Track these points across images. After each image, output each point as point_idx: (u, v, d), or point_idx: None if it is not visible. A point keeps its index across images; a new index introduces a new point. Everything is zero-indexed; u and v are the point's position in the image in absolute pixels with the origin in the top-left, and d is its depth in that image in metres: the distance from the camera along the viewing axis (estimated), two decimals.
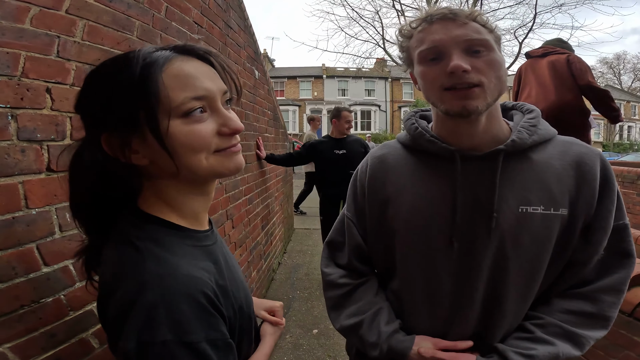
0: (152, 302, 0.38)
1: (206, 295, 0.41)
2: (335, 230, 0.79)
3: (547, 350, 0.57)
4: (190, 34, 1.36)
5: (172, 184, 0.47)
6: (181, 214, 0.49)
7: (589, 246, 0.58)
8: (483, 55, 0.54)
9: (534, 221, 0.57)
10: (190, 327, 0.38)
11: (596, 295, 0.59)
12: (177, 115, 0.42)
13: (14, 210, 0.63)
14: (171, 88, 0.41)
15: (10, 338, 0.60)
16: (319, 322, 2.36)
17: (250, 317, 0.55)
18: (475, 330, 0.62)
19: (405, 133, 0.71)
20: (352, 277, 0.73)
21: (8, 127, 0.62)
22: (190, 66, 0.44)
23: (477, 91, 0.53)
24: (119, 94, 0.41)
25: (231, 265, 0.54)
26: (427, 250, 0.63)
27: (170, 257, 0.43)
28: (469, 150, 0.60)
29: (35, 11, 0.67)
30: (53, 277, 0.70)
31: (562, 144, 0.62)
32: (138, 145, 0.43)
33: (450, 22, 0.55)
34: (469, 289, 0.61)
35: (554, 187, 0.57)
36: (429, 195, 0.63)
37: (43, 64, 0.69)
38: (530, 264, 0.58)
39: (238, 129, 0.46)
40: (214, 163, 0.45)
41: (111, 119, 0.42)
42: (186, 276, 0.41)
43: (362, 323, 0.67)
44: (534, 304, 0.63)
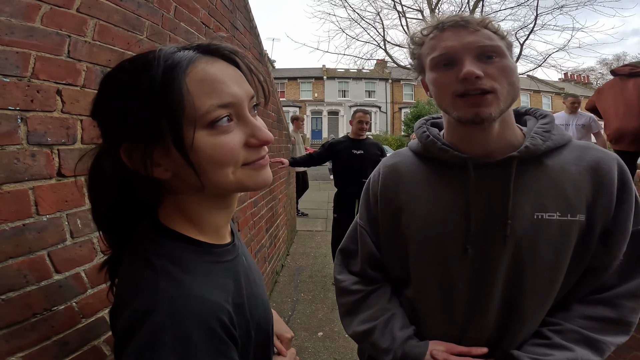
0: (159, 323, 0.36)
1: (219, 320, 0.39)
2: (348, 238, 0.79)
3: (564, 356, 0.55)
4: (198, 34, 1.34)
5: (194, 198, 0.44)
6: (201, 229, 0.45)
7: (608, 252, 0.57)
8: (495, 61, 0.54)
9: (550, 228, 0.56)
10: (195, 352, 0.36)
11: (617, 300, 0.58)
12: (203, 126, 0.38)
13: (24, 217, 0.62)
14: (196, 95, 0.37)
15: (22, 347, 0.59)
16: (324, 324, 2.34)
17: (268, 334, 0.53)
18: (492, 337, 0.62)
19: (416, 141, 0.70)
20: (365, 283, 0.74)
21: (18, 130, 0.60)
22: (216, 69, 0.39)
23: (490, 98, 0.53)
24: (138, 101, 0.36)
25: (252, 279, 0.52)
26: (441, 258, 0.62)
27: (185, 277, 0.40)
28: (481, 158, 0.60)
29: (45, 9, 0.65)
30: (65, 285, 0.69)
31: (577, 149, 0.61)
32: (160, 158, 0.39)
33: (462, 29, 0.55)
34: (484, 297, 0.60)
35: (570, 193, 0.57)
36: (443, 204, 0.62)
37: (54, 65, 0.67)
38: (548, 271, 0.57)
39: (268, 140, 0.42)
40: (242, 177, 0.41)
41: (131, 129, 0.38)
42: (199, 299, 0.39)
43: (375, 329, 0.67)
44: (553, 310, 0.62)
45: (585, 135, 3.75)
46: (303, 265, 3.40)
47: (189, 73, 0.37)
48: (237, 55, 0.43)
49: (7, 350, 0.57)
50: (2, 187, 0.57)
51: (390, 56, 9.70)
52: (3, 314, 0.56)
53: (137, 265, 0.41)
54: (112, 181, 0.43)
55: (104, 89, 0.40)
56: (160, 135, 0.37)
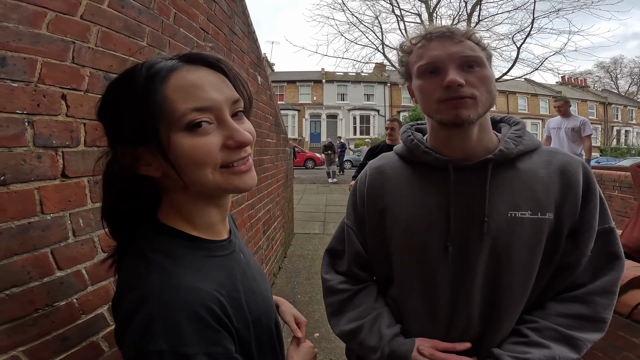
0: (150, 313, 0.38)
1: (209, 308, 0.40)
2: (335, 239, 0.81)
3: (542, 353, 0.58)
4: (197, 40, 1.37)
5: (185, 196, 0.46)
6: (195, 225, 0.48)
7: (576, 249, 0.62)
8: (476, 70, 0.59)
9: (523, 225, 0.61)
10: (186, 339, 0.38)
11: (590, 297, 0.61)
12: (180, 128, 0.40)
13: (29, 215, 0.64)
14: (173, 100, 0.40)
15: (24, 342, 0.60)
16: (320, 325, 2.36)
17: (270, 330, 0.54)
18: (475, 336, 0.64)
19: (402, 145, 0.74)
20: (351, 283, 0.76)
21: (25, 133, 0.63)
22: (196, 76, 0.42)
23: (469, 102, 0.58)
24: (124, 107, 0.41)
25: (250, 275, 0.54)
26: (424, 255, 0.65)
27: (176, 269, 0.42)
28: (461, 160, 0.64)
29: (51, 16, 0.68)
30: (66, 281, 0.71)
31: (546, 153, 0.66)
32: (150, 158, 0.43)
33: (447, 39, 0.59)
34: (465, 293, 0.63)
35: (540, 194, 0.61)
36: (425, 204, 0.66)
37: (59, 70, 0.70)
38: (522, 268, 0.61)
39: (244, 141, 0.43)
40: (220, 179, 0.43)
41: (121, 133, 0.42)
42: (188, 288, 0.40)
43: (362, 328, 0.69)
44: (529, 309, 0.65)
45: (576, 138, 3.79)
46: (300, 267, 3.42)
47: (168, 80, 0.40)
48: (221, 62, 0.45)
49: (9, 345, 0.58)
50: (9, 187, 0.60)
51: (388, 59, 9.79)
52: (6, 309, 0.58)
53: (133, 259, 0.44)
54: (119, 179, 0.47)
55: (104, 96, 0.44)
56: (146, 138, 0.40)
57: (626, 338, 1.13)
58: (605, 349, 1.16)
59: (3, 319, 0.58)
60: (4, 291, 0.58)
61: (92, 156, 0.78)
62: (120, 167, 0.45)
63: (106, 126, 0.44)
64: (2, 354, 0.57)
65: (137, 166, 0.43)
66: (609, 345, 1.15)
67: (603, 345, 1.16)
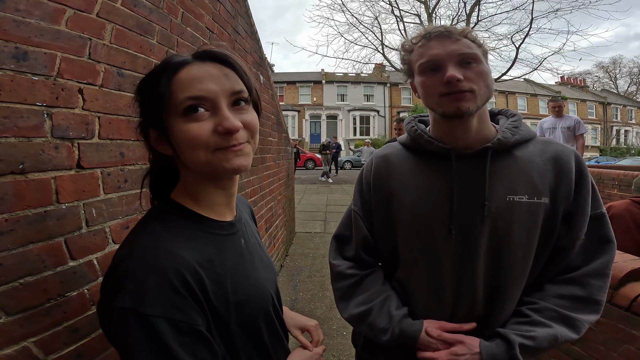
0: (125, 269, 0.41)
1: (179, 274, 0.42)
2: (342, 225, 0.84)
3: (546, 332, 0.62)
4: (203, 39, 1.40)
5: (190, 173, 0.52)
6: (198, 203, 0.53)
7: (571, 232, 0.65)
8: (473, 66, 0.63)
9: (521, 209, 0.64)
10: (148, 299, 0.39)
11: (585, 279, 0.65)
12: (177, 114, 0.46)
13: (46, 204, 0.66)
14: (175, 90, 0.46)
15: (35, 332, 0.61)
16: (322, 322, 2.38)
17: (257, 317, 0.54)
18: (479, 316, 0.67)
19: (406, 135, 0.78)
20: (359, 268, 0.78)
21: (44, 124, 0.65)
22: (200, 70, 0.47)
23: (468, 95, 0.62)
24: (142, 97, 0.49)
25: (248, 260, 0.56)
26: (429, 238, 0.68)
27: (164, 234, 0.46)
28: (462, 149, 0.68)
29: (70, 13, 0.70)
30: (79, 271, 0.72)
31: (541, 143, 0.71)
32: (160, 138, 0.50)
33: (445, 38, 0.64)
34: (469, 274, 0.66)
35: (536, 179, 0.65)
36: (429, 190, 0.69)
37: (76, 65, 0.72)
38: (521, 249, 0.65)
39: (231, 128, 0.46)
40: (212, 160, 0.47)
41: (141, 116, 0.50)
42: (165, 251, 0.43)
43: (372, 310, 0.72)
44: (528, 291, 0.69)
45: (571, 137, 3.85)
46: (302, 265, 3.43)
47: (177, 74, 0.47)
48: (227, 57, 0.50)
49: (21, 335, 0.59)
50: (27, 176, 0.62)
51: (388, 60, 9.81)
52: (20, 298, 0.59)
53: (136, 226, 0.50)
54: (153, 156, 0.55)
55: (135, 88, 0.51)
56: (153, 120, 0.48)
57: (626, 331, 1.14)
58: (607, 342, 1.18)
59: (17, 309, 0.58)
60: (19, 280, 0.59)
61: (105, 148, 0.81)
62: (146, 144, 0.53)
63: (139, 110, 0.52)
64: (13, 345, 0.57)
65: (151, 143, 0.51)
66: (609, 338, 1.17)
67: (604, 338, 1.18)
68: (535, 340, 0.61)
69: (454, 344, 0.65)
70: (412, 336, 0.67)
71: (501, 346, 0.62)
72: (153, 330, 0.39)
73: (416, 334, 0.67)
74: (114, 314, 0.40)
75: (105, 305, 0.42)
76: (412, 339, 0.67)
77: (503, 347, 0.62)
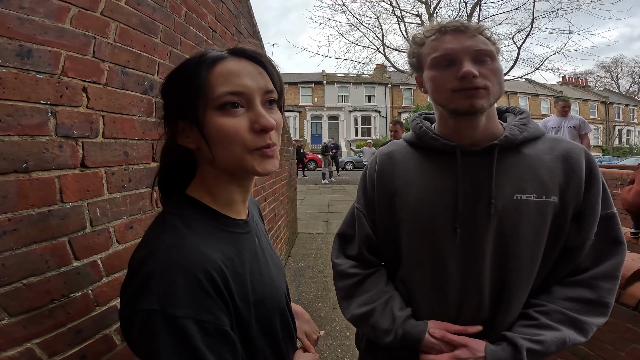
0: (151, 270, 0.40)
1: (207, 273, 0.41)
2: (345, 223, 0.83)
3: (554, 335, 0.60)
4: (206, 38, 1.39)
5: (210, 170, 0.51)
6: (216, 199, 0.52)
7: (581, 232, 0.63)
8: (488, 63, 0.62)
9: (529, 208, 0.62)
10: (177, 300, 0.38)
11: (594, 282, 0.63)
12: (214, 107, 0.46)
13: (49, 203, 0.65)
14: (214, 84, 0.46)
15: (39, 334, 0.60)
16: (326, 323, 2.36)
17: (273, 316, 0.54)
18: (485, 317, 0.65)
19: (411, 132, 0.77)
20: (362, 267, 0.77)
21: (48, 123, 0.64)
22: (237, 65, 0.47)
23: (482, 92, 0.61)
24: (175, 86, 0.48)
25: (262, 260, 0.55)
26: (433, 237, 0.67)
27: (186, 232, 0.45)
28: (468, 146, 0.67)
29: (74, 11, 0.70)
30: (83, 272, 0.71)
31: (550, 141, 0.69)
32: (189, 131, 0.49)
33: (461, 33, 0.62)
34: (475, 274, 0.64)
35: (545, 178, 0.63)
36: (434, 187, 0.68)
37: (81, 64, 0.71)
38: (529, 249, 0.63)
39: (267, 126, 0.47)
40: (247, 159, 0.47)
41: (169, 107, 0.50)
42: (191, 249, 0.42)
43: (374, 311, 0.70)
44: (535, 293, 0.67)
45: (576, 136, 3.84)
46: (304, 266, 3.43)
47: (214, 67, 0.47)
48: (261, 56, 0.51)
49: (24, 336, 0.58)
50: (31, 174, 0.61)
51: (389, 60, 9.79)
52: (23, 299, 0.58)
53: (154, 222, 0.49)
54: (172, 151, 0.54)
55: (166, 79, 0.50)
56: (186, 112, 0.47)
57: (634, 330, 1.13)
58: (614, 341, 1.17)
59: (20, 310, 0.57)
60: (22, 280, 0.58)
61: (109, 147, 0.80)
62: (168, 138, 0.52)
63: (164, 101, 0.51)
64: (16, 346, 0.56)
65: (177, 137, 0.50)
66: (617, 338, 1.16)
67: (611, 338, 1.17)
68: (543, 344, 0.59)
69: (457, 347, 0.63)
70: (415, 338, 0.65)
71: (507, 350, 0.60)
72: (182, 332, 0.38)
73: (420, 336, 0.65)
74: (138, 316, 0.38)
75: (127, 309, 0.40)
76: (416, 341, 0.65)
77: (509, 352, 0.60)
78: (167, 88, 0.50)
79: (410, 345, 0.66)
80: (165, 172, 0.56)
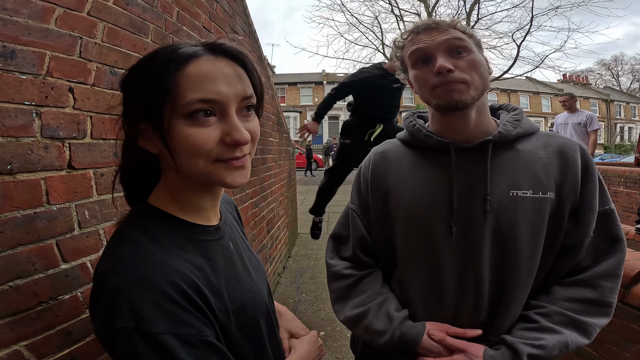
0: (116, 287, 0.38)
1: (177, 286, 0.39)
2: (339, 224, 0.81)
3: (556, 339, 0.58)
4: (199, 38, 1.39)
5: (176, 177, 0.47)
6: (182, 207, 0.48)
7: (579, 228, 0.62)
8: (464, 56, 0.62)
9: (525, 204, 0.61)
10: (150, 316, 0.37)
11: (595, 281, 0.62)
12: (182, 115, 0.41)
13: (35, 205, 0.64)
14: (183, 87, 0.40)
15: (26, 336, 0.60)
16: (326, 324, 2.35)
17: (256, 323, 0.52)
18: (483, 320, 0.64)
19: (404, 131, 0.76)
20: (356, 268, 0.75)
21: (32, 124, 0.64)
22: (212, 66, 0.42)
23: (461, 86, 0.60)
24: (139, 82, 0.43)
25: (238, 264, 0.53)
26: (428, 236, 0.65)
27: (150, 245, 0.42)
28: (462, 143, 0.66)
29: (59, 12, 0.69)
30: (71, 274, 0.70)
31: (544, 136, 0.68)
32: (152, 135, 0.44)
33: (434, 30, 0.63)
34: (472, 274, 0.63)
35: (540, 174, 0.63)
36: (428, 185, 0.67)
37: (67, 64, 0.71)
38: (527, 248, 0.61)
39: (240, 140, 0.42)
40: (212, 171, 0.43)
41: (131, 107, 0.45)
42: (158, 264, 0.40)
43: (368, 312, 0.69)
44: (534, 294, 0.65)
45: (582, 133, 3.77)
46: (304, 266, 3.42)
47: (184, 68, 0.41)
48: (243, 55, 0.45)
49: (12, 339, 0.57)
50: (16, 176, 0.60)
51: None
52: (9, 301, 0.57)
53: (113, 237, 0.46)
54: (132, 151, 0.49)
55: (129, 70, 0.45)
56: (149, 115, 0.42)
57: (639, 330, 1.11)
58: (619, 342, 1.15)
59: (6, 312, 0.57)
60: (7, 282, 0.57)
61: (98, 148, 0.79)
62: (127, 137, 0.47)
63: (124, 100, 0.46)
64: (4, 349, 0.56)
65: (137, 138, 0.45)
66: (622, 338, 1.14)
67: (616, 338, 1.15)
68: (545, 349, 0.57)
69: (455, 352, 0.61)
70: (413, 339, 0.64)
71: (507, 356, 0.58)
72: (163, 348, 0.37)
73: (417, 337, 0.63)
74: (119, 336, 0.37)
75: (103, 328, 0.38)
76: (413, 343, 0.64)
77: (509, 357, 0.58)
78: (130, 83, 0.44)
79: (407, 347, 0.64)
80: (126, 173, 0.51)
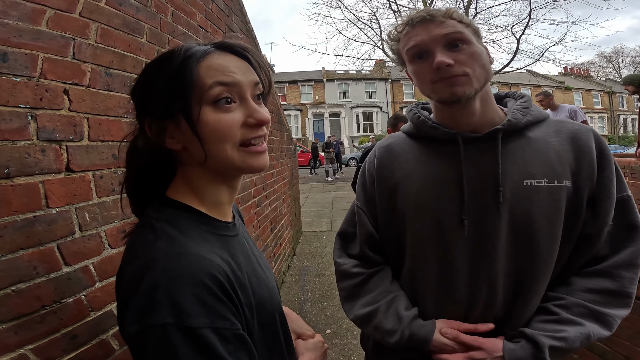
0: (155, 282, 0.37)
1: (215, 278, 0.39)
2: (346, 222, 0.80)
3: (577, 331, 0.56)
4: (196, 37, 1.38)
5: (199, 171, 0.48)
6: (203, 201, 0.49)
7: (597, 217, 0.60)
8: (463, 48, 0.59)
9: (540, 194, 0.59)
10: (191, 310, 0.36)
11: (614, 271, 0.59)
12: (208, 103, 0.44)
13: (34, 209, 0.64)
14: (203, 76, 0.44)
15: (32, 340, 0.60)
16: (332, 322, 2.35)
17: (273, 319, 0.52)
18: (498, 316, 0.62)
19: (409, 123, 0.74)
20: (365, 266, 0.74)
21: (28, 127, 0.63)
22: (225, 59, 0.46)
23: (463, 79, 0.58)
24: (159, 83, 0.45)
25: (254, 262, 0.53)
26: (438, 231, 0.64)
27: (182, 238, 0.42)
28: (469, 133, 0.64)
29: (50, 13, 0.68)
30: (74, 277, 0.70)
31: (555, 123, 0.66)
32: (174, 132, 0.46)
33: (429, 23, 0.60)
34: (486, 269, 0.61)
35: (554, 161, 0.60)
36: (436, 177, 0.65)
37: (60, 66, 0.70)
38: (544, 238, 0.59)
39: (263, 120, 0.46)
40: (237, 157, 0.46)
41: (152, 106, 0.46)
42: (194, 256, 0.40)
43: (378, 311, 0.67)
44: (552, 285, 0.63)
45: None
46: (309, 265, 3.42)
47: (201, 62, 0.44)
48: (247, 50, 0.49)
49: (17, 343, 0.57)
50: (13, 180, 0.60)
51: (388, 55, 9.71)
52: (12, 305, 0.57)
53: (140, 229, 0.46)
54: (142, 155, 0.50)
55: (140, 75, 0.48)
56: (173, 112, 0.44)
57: None
58: (632, 337, 1.13)
59: (10, 316, 0.57)
60: (10, 287, 0.57)
61: (96, 150, 0.79)
62: (145, 141, 0.49)
63: (137, 102, 0.48)
64: (10, 352, 0.56)
65: (163, 138, 0.47)
66: (634, 333, 1.13)
67: (629, 333, 1.14)
68: (566, 341, 0.55)
69: (471, 348, 0.59)
70: (423, 339, 0.62)
71: (527, 349, 0.56)
72: (203, 343, 0.36)
73: (428, 336, 0.62)
74: (152, 333, 0.35)
75: (135, 327, 0.37)
76: (424, 342, 0.62)
77: (529, 350, 0.56)
78: (147, 87, 0.46)
79: (418, 346, 0.63)
80: (136, 178, 0.52)
